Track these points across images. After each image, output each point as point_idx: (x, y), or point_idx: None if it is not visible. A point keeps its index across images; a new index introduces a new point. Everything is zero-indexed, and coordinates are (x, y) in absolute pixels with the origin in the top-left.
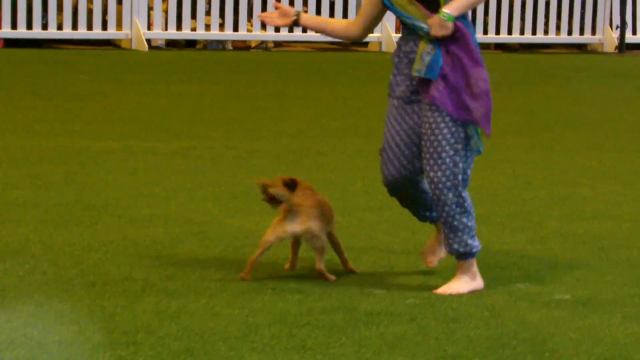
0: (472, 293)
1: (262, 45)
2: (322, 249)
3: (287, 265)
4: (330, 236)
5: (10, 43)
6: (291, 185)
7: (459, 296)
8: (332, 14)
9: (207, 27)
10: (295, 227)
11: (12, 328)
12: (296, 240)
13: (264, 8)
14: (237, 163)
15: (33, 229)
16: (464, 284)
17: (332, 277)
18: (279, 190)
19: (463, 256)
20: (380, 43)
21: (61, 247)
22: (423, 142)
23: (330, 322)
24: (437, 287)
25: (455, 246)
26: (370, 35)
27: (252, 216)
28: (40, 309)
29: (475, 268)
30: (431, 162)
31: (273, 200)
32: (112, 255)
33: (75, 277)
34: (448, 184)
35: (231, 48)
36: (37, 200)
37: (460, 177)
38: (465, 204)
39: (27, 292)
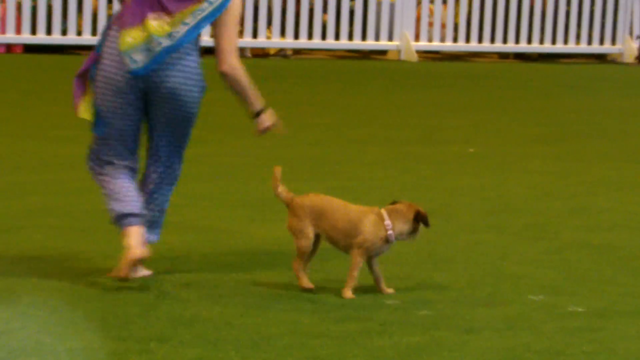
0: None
1: (281, 52)
2: None
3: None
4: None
5: (30, 49)
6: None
7: (473, 308)
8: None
9: None
10: None
11: (25, 335)
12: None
13: (283, 15)
14: (252, 171)
15: (49, 236)
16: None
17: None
18: None
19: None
20: (399, 52)
21: (76, 254)
22: None
23: (343, 332)
24: (452, 298)
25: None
26: (389, 43)
27: (267, 224)
28: (54, 316)
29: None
30: None
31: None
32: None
33: (89, 285)
34: None
35: (250, 55)
36: (54, 207)
37: (92, 154)
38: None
39: (41, 299)
